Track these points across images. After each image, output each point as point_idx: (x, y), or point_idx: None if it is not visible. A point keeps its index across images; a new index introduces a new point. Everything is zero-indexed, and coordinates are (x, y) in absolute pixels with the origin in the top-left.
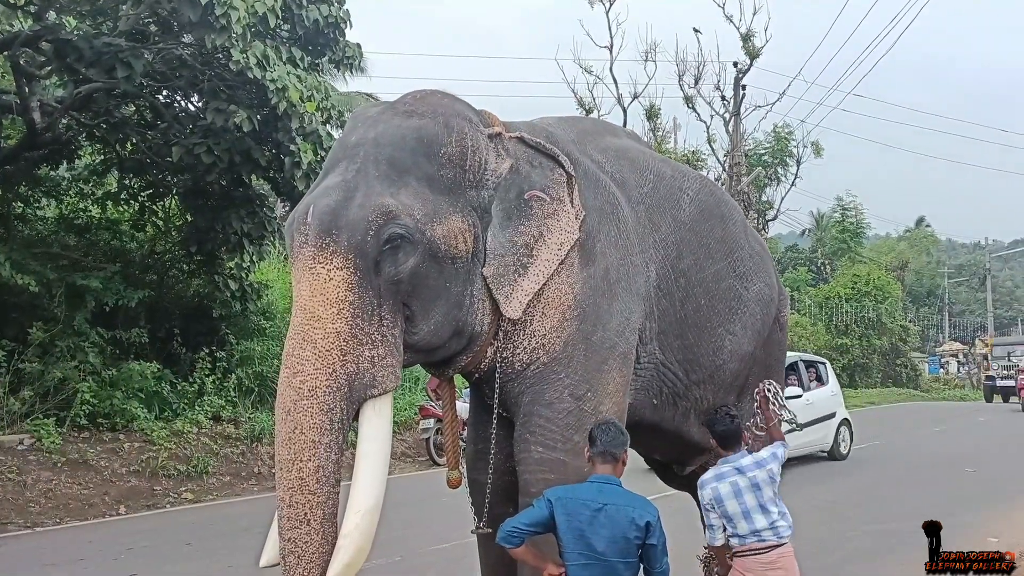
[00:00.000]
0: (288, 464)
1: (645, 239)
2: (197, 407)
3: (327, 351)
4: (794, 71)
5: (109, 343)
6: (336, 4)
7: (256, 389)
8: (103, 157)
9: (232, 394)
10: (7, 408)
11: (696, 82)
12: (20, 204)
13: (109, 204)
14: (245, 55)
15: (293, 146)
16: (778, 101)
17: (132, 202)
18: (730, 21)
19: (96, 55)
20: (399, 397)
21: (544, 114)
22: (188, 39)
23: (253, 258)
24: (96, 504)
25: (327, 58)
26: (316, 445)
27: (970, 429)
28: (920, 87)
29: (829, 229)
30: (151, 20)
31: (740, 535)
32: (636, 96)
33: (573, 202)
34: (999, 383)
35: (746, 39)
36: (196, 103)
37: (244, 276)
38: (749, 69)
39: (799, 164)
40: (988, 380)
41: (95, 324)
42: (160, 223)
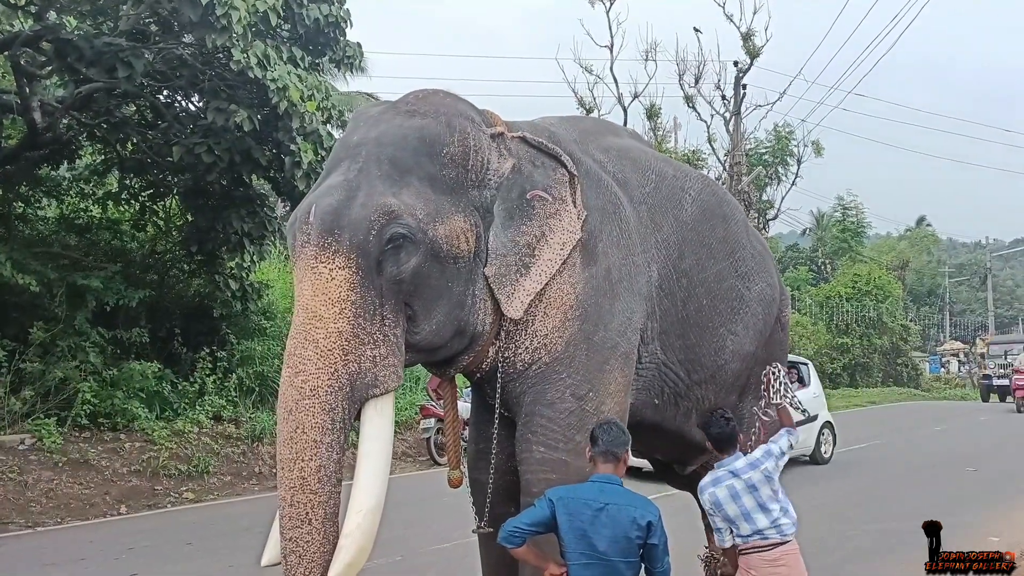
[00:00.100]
0: (290, 463)
1: (647, 239)
2: (198, 407)
3: (329, 350)
4: (794, 70)
5: (110, 343)
6: (337, 3)
7: (257, 389)
8: (104, 157)
9: (233, 394)
10: (8, 408)
11: (696, 81)
12: (21, 204)
13: (110, 204)
14: (246, 55)
15: (294, 146)
16: (778, 100)
17: (133, 202)
18: (730, 20)
19: (97, 55)
20: (400, 397)
21: (545, 114)
22: (189, 39)
23: (254, 258)
24: (97, 504)
25: (328, 58)
26: (318, 444)
27: (971, 429)
28: (921, 86)
29: (830, 228)
30: (151, 20)
31: (743, 535)
32: (636, 96)
33: (575, 202)
34: (995, 382)
35: (746, 38)
36: (197, 103)
37: (245, 276)
38: (749, 68)
39: (800, 163)
40: (985, 379)
41: (96, 324)
42: (161, 223)
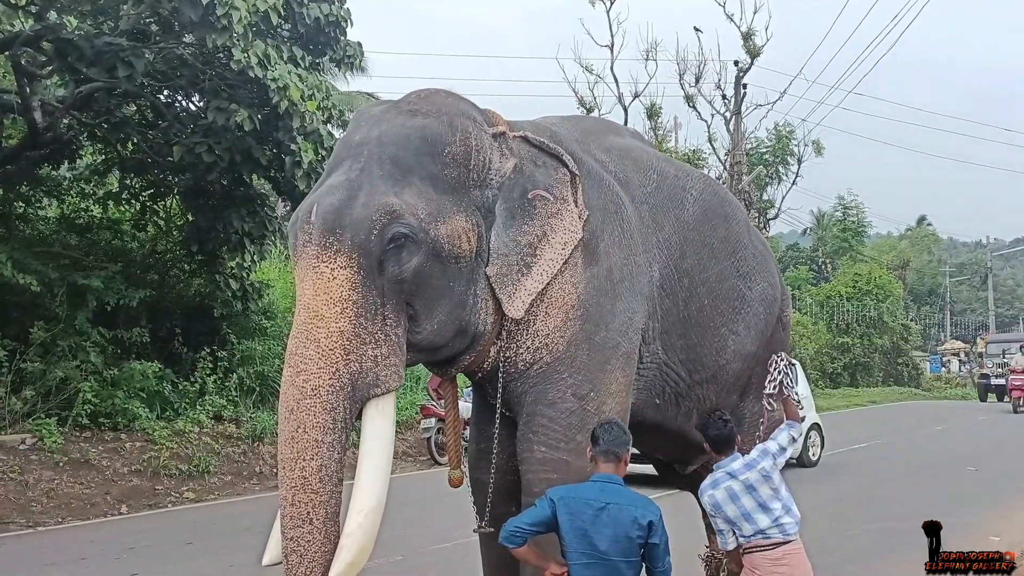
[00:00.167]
0: (291, 463)
1: (648, 239)
2: (198, 407)
3: (330, 350)
4: (795, 70)
5: (110, 343)
6: (337, 2)
7: (257, 389)
8: (104, 157)
9: (233, 394)
10: (9, 408)
11: (697, 81)
12: (21, 204)
13: (110, 204)
14: (246, 54)
15: (294, 145)
16: (779, 100)
17: (133, 202)
18: (731, 20)
19: (97, 55)
20: (400, 396)
21: (545, 113)
22: (189, 38)
23: (254, 257)
24: (98, 503)
25: (328, 57)
26: (319, 444)
27: (971, 428)
28: (921, 86)
29: (830, 228)
30: (152, 20)
31: (746, 535)
32: (637, 95)
33: (577, 201)
34: (993, 382)
35: (747, 38)
36: (197, 102)
37: (245, 276)
38: (750, 68)
39: (800, 163)
40: (982, 379)
41: (96, 324)
42: (161, 223)
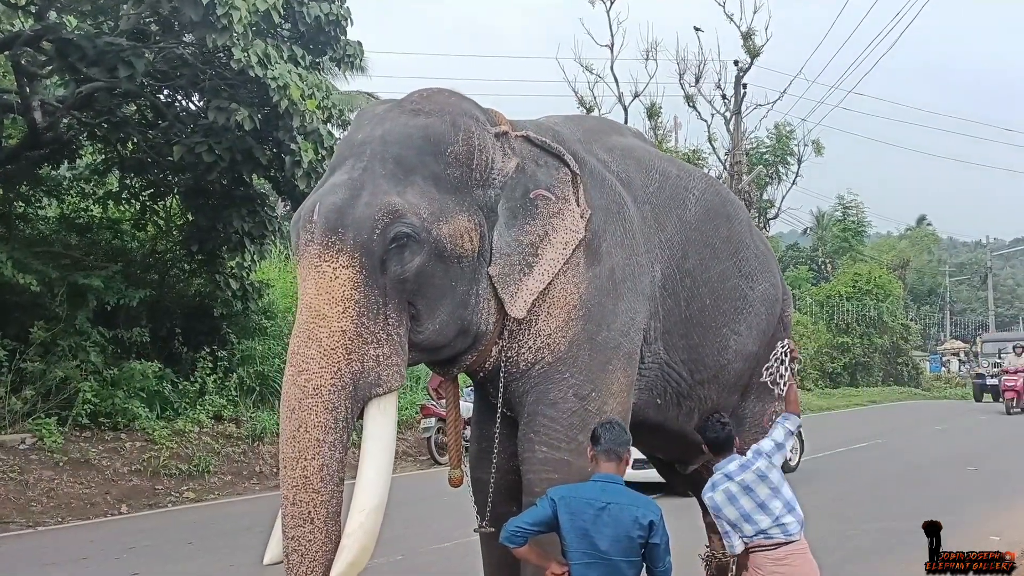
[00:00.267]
0: (292, 462)
1: (651, 239)
2: (198, 406)
3: (332, 349)
4: (795, 70)
5: (110, 342)
6: (337, 1)
7: (257, 388)
8: (104, 156)
9: (233, 393)
10: (9, 407)
11: (697, 81)
12: (21, 203)
13: (110, 203)
14: (246, 53)
15: (294, 145)
16: (779, 100)
17: (133, 201)
18: (731, 20)
19: (98, 54)
20: (400, 396)
21: (545, 113)
22: (189, 38)
23: (254, 257)
24: (98, 503)
25: (328, 56)
26: (320, 443)
27: (971, 428)
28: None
29: (830, 228)
30: (152, 19)
31: (748, 536)
32: (637, 95)
33: (578, 201)
34: (988, 382)
35: (747, 38)
36: (197, 102)
37: (245, 275)
38: (750, 68)
39: (800, 163)
40: (978, 378)
41: (96, 323)
42: (161, 222)
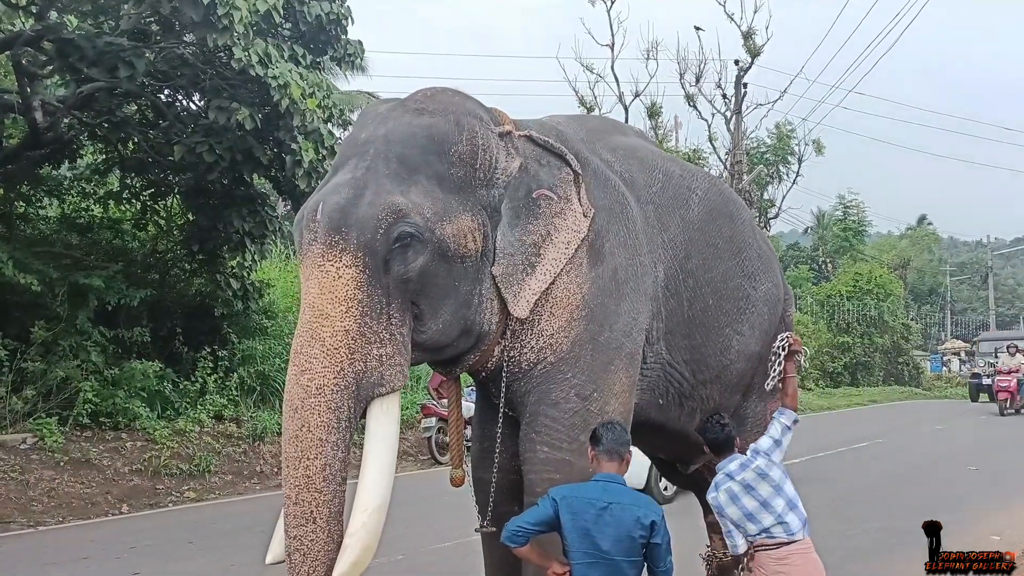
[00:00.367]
0: (295, 461)
1: (653, 239)
2: (199, 406)
3: (335, 349)
4: (795, 69)
5: (111, 342)
6: (338, 1)
7: (258, 388)
8: (105, 156)
9: (234, 393)
10: (10, 407)
11: (697, 80)
12: (22, 203)
13: (111, 203)
14: (247, 53)
15: (295, 144)
16: (779, 99)
17: (134, 201)
18: (731, 19)
19: (98, 54)
20: (401, 396)
21: (546, 112)
22: (190, 38)
23: (255, 257)
24: (98, 503)
25: (329, 55)
26: (323, 443)
27: (972, 427)
28: (921, 86)
29: (831, 227)
30: (153, 19)
31: (751, 535)
32: (637, 94)
33: (581, 201)
34: (984, 381)
35: (747, 37)
36: (198, 102)
37: (246, 275)
38: (750, 67)
39: (800, 162)
40: (974, 378)
41: (97, 323)
42: (162, 222)
